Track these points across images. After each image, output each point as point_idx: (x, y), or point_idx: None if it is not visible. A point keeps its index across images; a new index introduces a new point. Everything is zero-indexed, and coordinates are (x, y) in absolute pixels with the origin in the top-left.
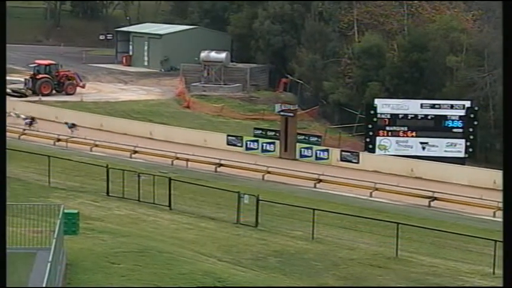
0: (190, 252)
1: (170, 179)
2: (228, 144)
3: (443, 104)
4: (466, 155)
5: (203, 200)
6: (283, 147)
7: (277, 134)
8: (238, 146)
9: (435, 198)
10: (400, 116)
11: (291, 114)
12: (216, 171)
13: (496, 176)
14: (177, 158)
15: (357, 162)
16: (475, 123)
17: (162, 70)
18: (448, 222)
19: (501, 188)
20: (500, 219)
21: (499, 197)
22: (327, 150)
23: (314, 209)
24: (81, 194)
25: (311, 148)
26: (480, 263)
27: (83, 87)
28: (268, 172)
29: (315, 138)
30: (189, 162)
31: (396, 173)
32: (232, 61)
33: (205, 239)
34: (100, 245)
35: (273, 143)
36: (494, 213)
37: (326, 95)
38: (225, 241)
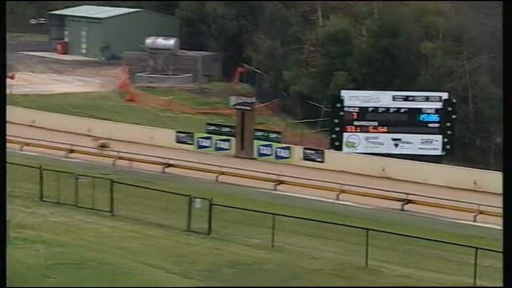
0: (135, 263)
1: (112, 182)
2: (177, 141)
3: (417, 96)
4: (444, 153)
5: (150, 205)
6: (240, 145)
7: (233, 130)
8: (189, 144)
9: (409, 201)
10: (370, 109)
11: (248, 108)
12: (163, 172)
13: (476, 176)
14: (120, 158)
15: (322, 161)
16: (453, 117)
17: (102, 59)
18: (423, 228)
19: (482, 189)
20: (482, 224)
21: (480, 199)
22: (288, 148)
23: (274, 214)
24: (10, 199)
25: (270, 146)
26: (459, 273)
27: (12, 77)
28: (223, 173)
29: (275, 135)
30: (133, 163)
31: (366, 173)
32: (181, 48)
33: (152, 248)
34: (32, 257)
35: (228, 140)
36: (474, 217)
37: (287, 86)
38: (174, 251)
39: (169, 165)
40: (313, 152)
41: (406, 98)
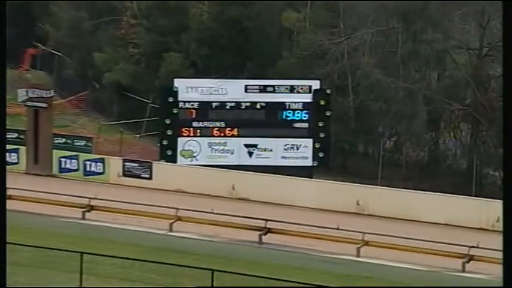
0: None
1: None
2: None
3: (279, 86)
4: (315, 163)
5: None
6: (32, 156)
7: (22, 137)
8: None
9: (269, 230)
10: (214, 104)
11: (44, 105)
12: None
13: (359, 194)
14: None
15: (150, 178)
16: (327, 114)
17: None
18: (287, 267)
19: (367, 211)
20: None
21: (365, 224)
22: (102, 161)
23: (82, 253)
24: None
25: (77, 158)
26: None
27: None
28: (10, 197)
29: (83, 142)
30: None
31: (210, 192)
32: None
33: None
34: None
35: (16, 150)
36: (358, 250)
37: (99, 73)
38: None
39: None
40: (136, 165)
41: (264, 89)
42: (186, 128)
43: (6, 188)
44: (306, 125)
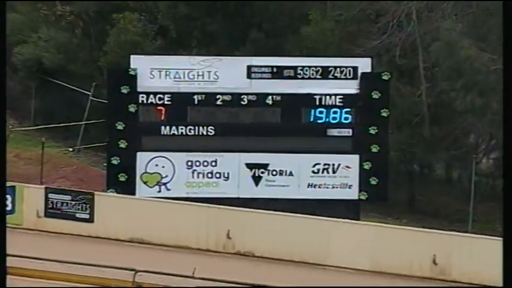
0: None
1: None
2: None
3: (303, 67)
4: (364, 195)
5: None
6: None
7: None
8: None
9: None
10: (197, 98)
11: None
12: None
13: (437, 247)
14: None
15: (90, 220)
16: (384, 114)
17: None
18: None
19: (451, 276)
20: None
21: None
22: (12, 191)
23: None
24: None
25: None
26: None
27: None
28: None
29: None
30: None
31: (190, 243)
32: None
33: None
34: None
35: None
36: None
37: (7, 46)
38: None
39: None
40: (68, 198)
41: (278, 73)
42: (151, 137)
43: (6, 187)
44: (348, 132)
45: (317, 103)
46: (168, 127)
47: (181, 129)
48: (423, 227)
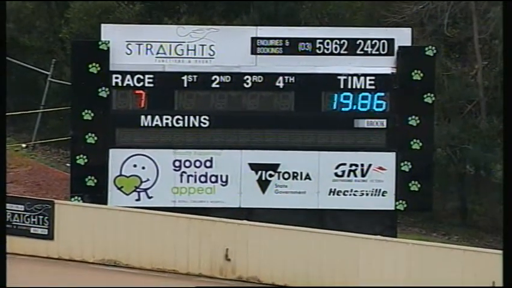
0: None
1: None
2: None
3: (323, 40)
4: (402, 204)
5: None
6: None
7: None
8: None
9: None
10: (187, 79)
11: None
12: None
13: (497, 269)
14: None
15: (48, 237)
16: (428, 100)
17: None
18: None
19: None
20: None
21: None
22: None
23: None
24: None
25: None
26: None
27: None
28: None
29: None
30: None
31: (176, 267)
32: None
33: None
34: None
35: None
36: None
37: None
38: None
39: None
40: (21, 208)
41: (291, 47)
42: (128, 130)
43: (6, 187)
44: (381, 123)
45: (341, 86)
46: (149, 117)
47: (167, 119)
48: (482, 246)
